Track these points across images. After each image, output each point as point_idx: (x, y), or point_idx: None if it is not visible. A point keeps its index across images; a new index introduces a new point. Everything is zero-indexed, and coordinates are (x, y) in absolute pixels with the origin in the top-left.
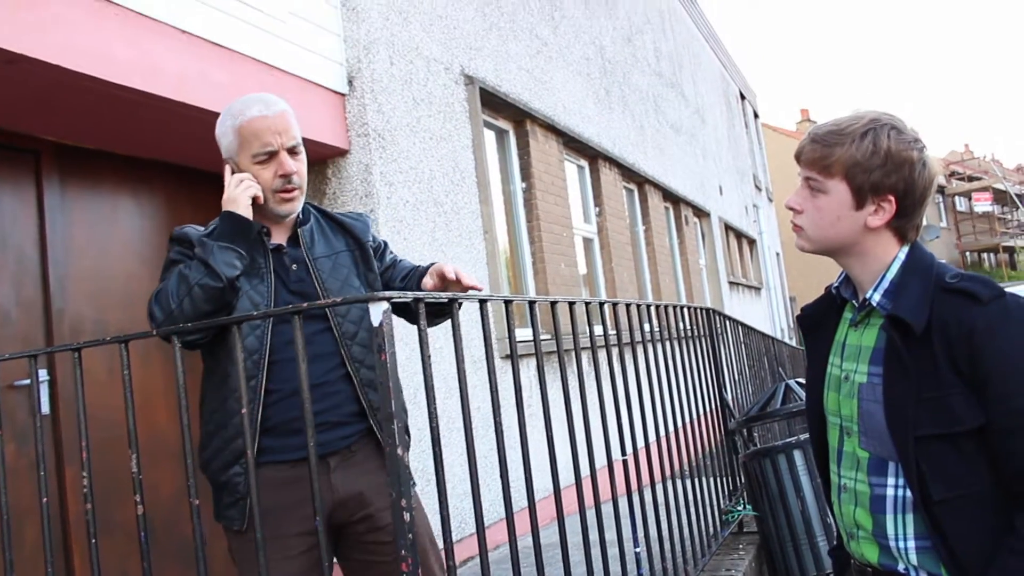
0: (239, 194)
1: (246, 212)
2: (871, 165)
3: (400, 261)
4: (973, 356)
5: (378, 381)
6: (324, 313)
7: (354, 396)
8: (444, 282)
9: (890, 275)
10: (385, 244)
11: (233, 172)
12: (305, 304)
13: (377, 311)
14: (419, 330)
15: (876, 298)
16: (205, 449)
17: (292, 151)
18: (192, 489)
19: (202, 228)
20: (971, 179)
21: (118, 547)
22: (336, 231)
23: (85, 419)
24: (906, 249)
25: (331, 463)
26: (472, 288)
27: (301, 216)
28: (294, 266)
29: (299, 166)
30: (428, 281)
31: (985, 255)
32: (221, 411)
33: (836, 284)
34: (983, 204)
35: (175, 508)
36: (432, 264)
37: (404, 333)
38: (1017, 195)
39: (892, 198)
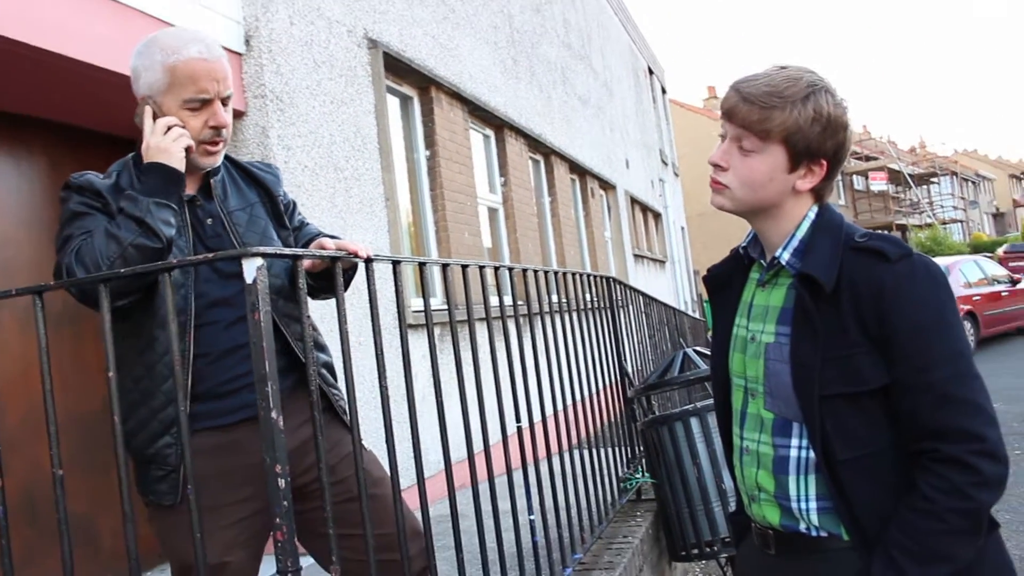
0: (170, 144)
1: (179, 165)
2: (811, 131)
3: (307, 225)
4: (881, 314)
5: (251, 341)
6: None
7: (283, 350)
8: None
9: (800, 234)
10: (294, 204)
11: (155, 114)
12: (211, 255)
13: (251, 267)
14: (297, 291)
15: (785, 257)
16: (126, 422)
17: (224, 101)
18: (55, 459)
19: (102, 176)
20: (868, 159)
21: None
22: (248, 182)
23: None
24: (815, 208)
25: None
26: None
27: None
28: (209, 220)
29: (229, 119)
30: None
31: (880, 232)
32: (147, 378)
33: (744, 244)
34: (879, 183)
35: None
36: (322, 236)
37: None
38: (910, 175)
39: (824, 162)
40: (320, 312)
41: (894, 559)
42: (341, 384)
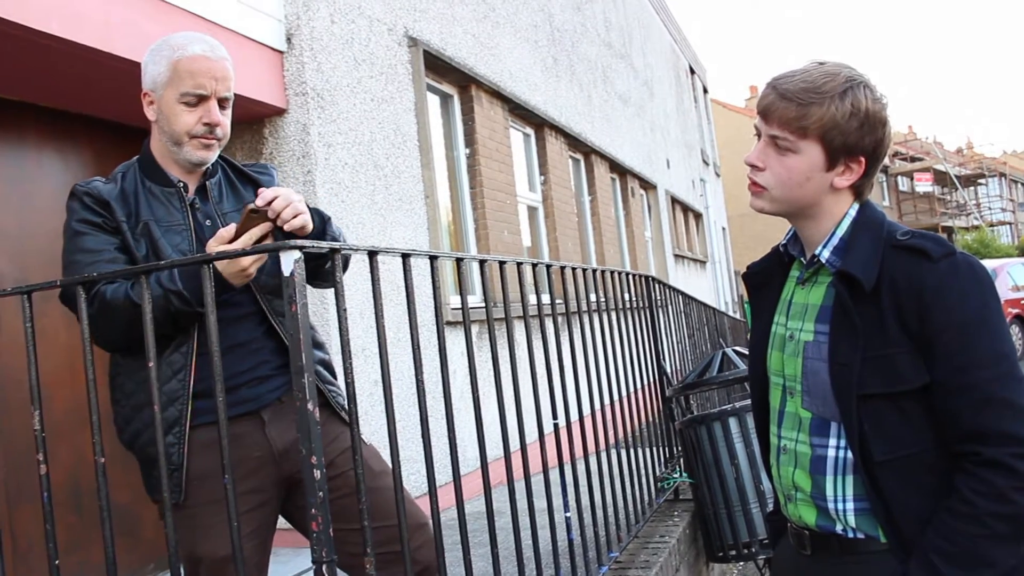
0: (248, 271)
1: (234, 283)
2: (849, 127)
3: None
4: (922, 313)
5: (288, 333)
6: None
7: (278, 349)
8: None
9: (840, 232)
10: None
11: (152, 103)
12: (216, 250)
13: (288, 260)
14: (334, 281)
15: (825, 255)
16: (130, 422)
17: (222, 102)
18: (97, 447)
19: (103, 180)
20: (913, 160)
21: (39, 512)
22: (245, 184)
23: None
24: (856, 206)
25: (264, 417)
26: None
27: (210, 168)
28: (207, 222)
29: (225, 120)
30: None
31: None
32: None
33: (784, 242)
34: (924, 184)
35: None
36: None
37: (355, 286)
38: (956, 176)
39: (863, 159)
40: (360, 308)
41: (932, 563)
42: (365, 380)
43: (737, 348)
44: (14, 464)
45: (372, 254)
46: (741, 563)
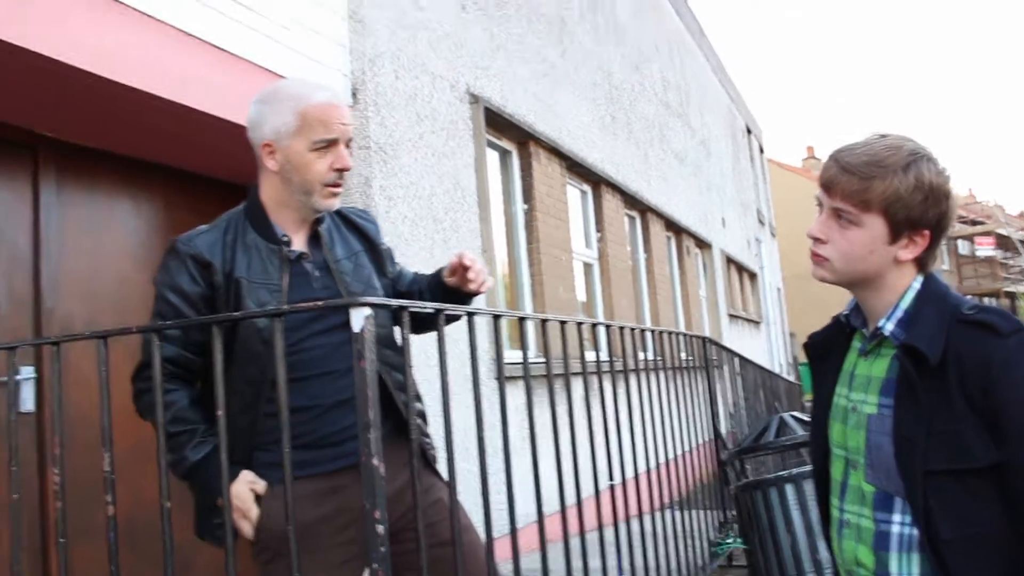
0: (245, 514)
1: (243, 528)
2: (912, 200)
3: (403, 268)
4: (989, 390)
5: (356, 389)
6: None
7: (385, 402)
8: (460, 272)
9: (904, 304)
10: (391, 252)
11: (273, 153)
12: (286, 307)
13: (358, 316)
14: (403, 338)
15: (889, 327)
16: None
17: (347, 144)
18: (164, 491)
19: (206, 228)
20: (974, 223)
21: (98, 551)
22: (351, 230)
23: (60, 414)
24: (920, 278)
25: None
26: (478, 285)
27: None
28: (317, 272)
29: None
30: (447, 272)
31: (987, 300)
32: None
33: (846, 312)
34: (986, 249)
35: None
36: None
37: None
38: (1020, 241)
39: (927, 232)
40: (415, 361)
41: None
42: (438, 431)
43: (794, 413)
44: (75, 501)
45: (438, 312)
46: None
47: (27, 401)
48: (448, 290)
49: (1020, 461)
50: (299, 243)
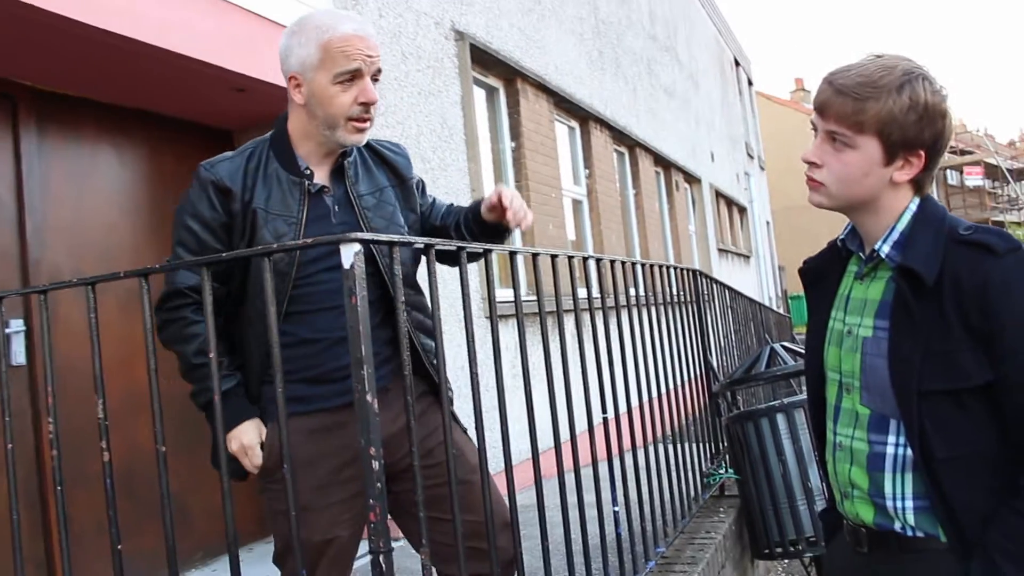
0: (243, 457)
1: (246, 466)
2: (907, 121)
3: (436, 200)
4: (985, 309)
5: (348, 325)
6: (372, 255)
7: (391, 339)
8: (499, 209)
9: (900, 226)
10: (423, 184)
11: (299, 86)
12: (275, 246)
13: (348, 252)
14: (390, 275)
15: (885, 250)
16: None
17: (375, 77)
18: (158, 436)
19: (230, 155)
20: (963, 153)
21: (95, 498)
22: (379, 164)
23: (51, 364)
24: (917, 200)
25: None
26: (518, 222)
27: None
28: (337, 207)
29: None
30: (485, 208)
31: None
32: (242, 358)
33: (842, 236)
34: (974, 178)
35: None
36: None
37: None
38: (1008, 170)
39: (922, 153)
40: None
41: (995, 563)
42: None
43: (785, 344)
44: (69, 450)
45: (428, 247)
46: (787, 560)
47: (18, 355)
48: (486, 226)
49: (1012, 379)
50: (322, 176)
